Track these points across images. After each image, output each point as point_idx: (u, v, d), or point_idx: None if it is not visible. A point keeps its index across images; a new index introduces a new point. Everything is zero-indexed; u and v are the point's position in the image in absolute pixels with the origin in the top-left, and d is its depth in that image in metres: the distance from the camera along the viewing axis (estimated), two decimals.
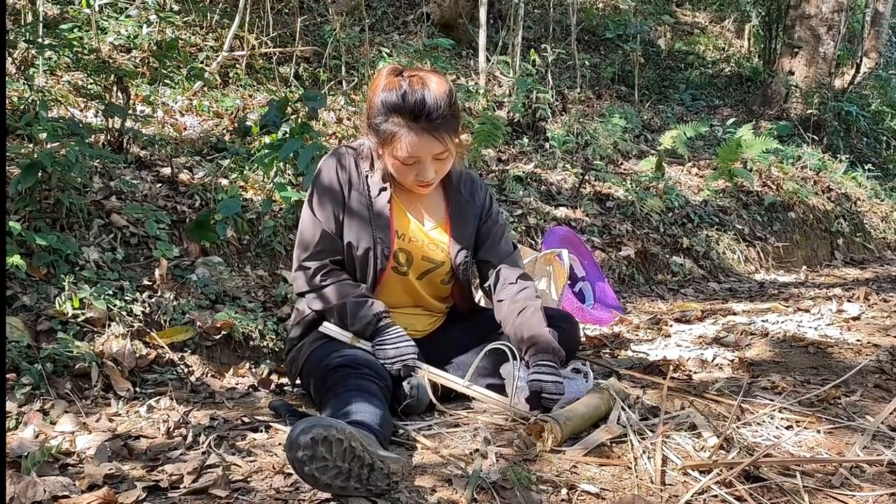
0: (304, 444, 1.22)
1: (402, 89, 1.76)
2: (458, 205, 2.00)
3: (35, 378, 1.79)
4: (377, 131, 1.80)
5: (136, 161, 2.91)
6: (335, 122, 4.16)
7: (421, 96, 1.74)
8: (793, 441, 1.65)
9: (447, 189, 2.00)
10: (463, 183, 2.03)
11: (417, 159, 1.79)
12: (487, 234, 2.04)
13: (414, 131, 1.75)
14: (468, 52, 6.15)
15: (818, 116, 7.14)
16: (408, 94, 1.75)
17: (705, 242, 4.67)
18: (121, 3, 4.10)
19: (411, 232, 1.94)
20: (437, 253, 1.96)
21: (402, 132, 1.75)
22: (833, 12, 7.13)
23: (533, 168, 4.67)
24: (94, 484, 1.32)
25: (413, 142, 1.75)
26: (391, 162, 1.82)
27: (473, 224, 2.02)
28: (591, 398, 1.75)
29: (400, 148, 1.77)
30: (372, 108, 1.81)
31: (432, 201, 2.00)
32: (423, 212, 1.98)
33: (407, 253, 1.94)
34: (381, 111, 1.78)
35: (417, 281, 1.98)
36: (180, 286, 2.35)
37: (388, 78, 1.80)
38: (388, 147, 1.79)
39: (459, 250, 1.97)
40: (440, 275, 1.99)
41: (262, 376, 2.19)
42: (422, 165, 1.80)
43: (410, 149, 1.76)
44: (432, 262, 1.97)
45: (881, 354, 2.37)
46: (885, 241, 6.38)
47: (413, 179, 1.83)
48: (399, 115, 1.75)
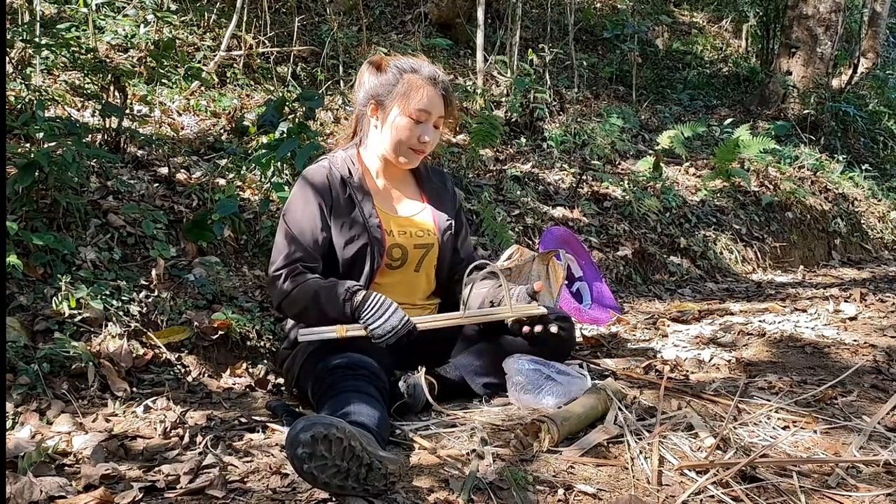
0: (304, 442, 1.22)
1: (410, 59, 1.96)
2: (432, 190, 2.11)
3: (32, 378, 1.79)
4: (388, 91, 1.93)
5: (134, 161, 2.91)
6: (332, 122, 4.16)
7: (432, 67, 1.97)
8: (789, 441, 1.66)
9: (419, 178, 2.11)
10: (432, 173, 2.16)
11: (428, 116, 1.92)
12: (459, 228, 2.13)
13: (430, 86, 1.93)
14: (466, 51, 6.14)
15: (816, 116, 7.14)
16: (420, 63, 1.96)
17: (703, 242, 4.67)
18: (118, 3, 4.09)
19: (398, 225, 1.98)
20: (425, 237, 2.01)
21: (420, 84, 1.92)
22: (830, 12, 7.14)
23: (530, 168, 4.67)
24: (91, 484, 1.32)
25: (431, 94, 1.92)
26: (400, 119, 1.91)
27: (451, 208, 2.12)
28: (588, 398, 1.75)
29: (417, 100, 1.90)
30: (376, 80, 1.95)
31: (407, 191, 2.08)
32: (402, 201, 2.05)
33: (401, 248, 1.96)
34: (393, 76, 1.94)
35: (415, 273, 2.01)
36: (177, 286, 2.35)
37: (379, 61, 1.98)
38: (403, 100, 1.90)
39: (446, 226, 2.06)
40: (433, 259, 2.04)
41: (259, 376, 2.19)
42: (427, 126, 1.93)
43: (428, 100, 1.91)
44: (424, 246, 2.01)
45: (878, 354, 2.37)
46: (883, 241, 6.39)
47: (414, 143, 1.92)
48: (416, 73, 1.94)
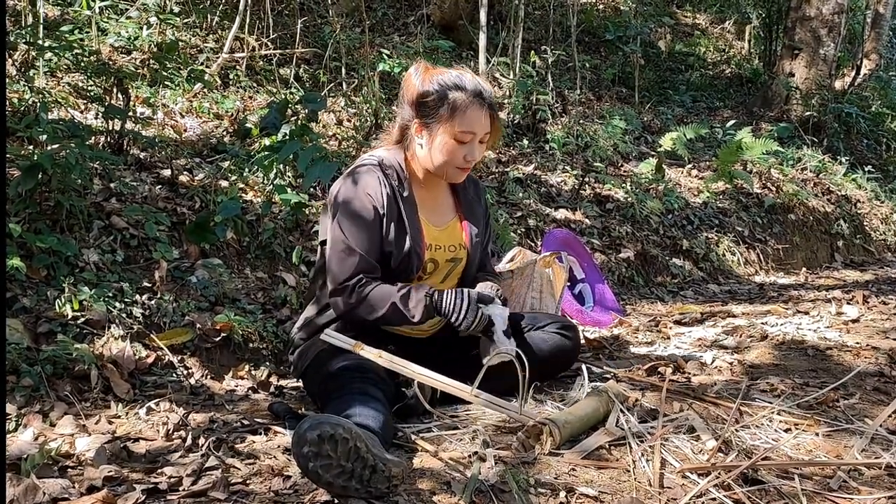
0: (310, 440, 1.23)
1: (455, 74, 1.88)
2: (467, 202, 2.07)
3: (35, 380, 1.79)
4: (433, 113, 1.86)
5: (136, 163, 2.92)
6: (335, 124, 4.17)
7: (476, 81, 1.89)
8: (791, 444, 1.66)
9: (455, 188, 2.06)
10: (469, 182, 2.09)
11: (473, 136, 1.86)
12: (487, 240, 2.12)
13: (476, 104, 1.85)
14: (468, 53, 6.15)
15: (818, 118, 7.14)
16: (465, 78, 1.88)
17: (705, 244, 4.66)
18: (121, 5, 4.10)
19: (434, 239, 1.95)
20: (458, 251, 1.99)
21: (465, 104, 1.84)
22: (833, 14, 7.13)
23: (533, 170, 4.67)
24: (94, 486, 1.32)
25: (476, 113, 1.85)
26: (444, 141, 1.86)
27: (483, 220, 2.09)
28: (590, 401, 1.75)
29: (462, 121, 1.84)
30: (421, 93, 1.87)
31: (444, 200, 2.04)
32: (439, 211, 2.01)
33: (435, 262, 1.95)
34: (438, 91, 1.85)
35: (440, 283, 1.98)
36: (180, 288, 2.36)
37: (427, 68, 1.90)
38: (448, 122, 1.84)
39: (476, 238, 2.02)
40: (460, 270, 2.02)
41: (261, 378, 2.19)
42: (472, 145, 1.87)
43: (473, 120, 1.84)
44: (454, 260, 1.99)
45: (880, 357, 2.37)
46: (886, 243, 6.38)
47: (461, 161, 1.88)
48: (460, 91, 1.85)
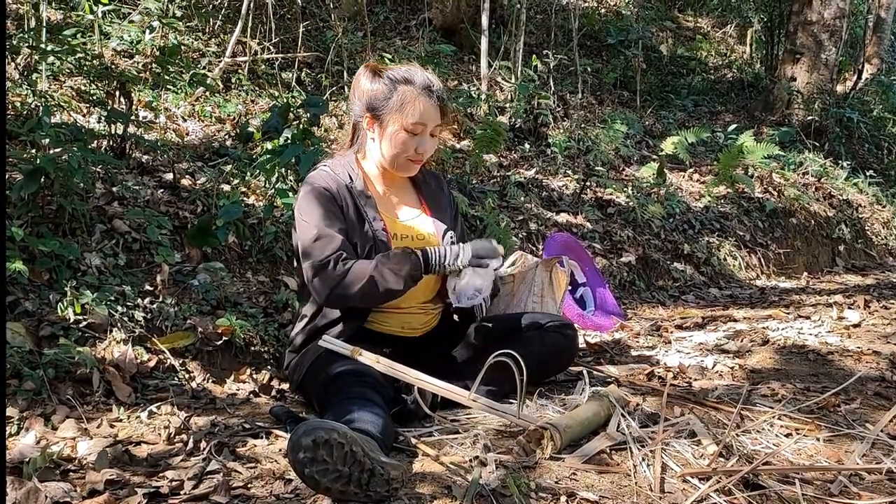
0: (305, 447, 1.23)
1: (403, 69, 1.93)
2: (429, 193, 2.11)
3: (37, 383, 1.79)
4: (383, 105, 1.91)
5: (139, 166, 2.92)
6: (337, 128, 4.17)
7: (425, 75, 1.94)
8: (792, 449, 1.66)
9: (417, 183, 2.11)
10: (429, 177, 2.16)
11: (424, 128, 1.91)
12: (461, 232, 2.14)
13: (425, 97, 1.90)
14: (470, 57, 6.16)
15: (820, 122, 7.14)
16: (414, 72, 1.93)
17: (706, 248, 4.66)
18: (124, 9, 4.12)
19: (400, 230, 1.98)
20: (426, 242, 1.99)
21: (413, 97, 1.89)
22: (835, 18, 7.14)
23: (534, 174, 4.68)
24: (95, 490, 1.32)
25: (426, 105, 1.90)
26: (395, 135, 1.90)
27: (449, 212, 2.11)
28: (591, 405, 1.75)
29: (412, 113, 1.89)
30: (371, 90, 1.93)
31: (406, 197, 2.07)
32: (401, 207, 2.04)
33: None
34: (387, 87, 1.91)
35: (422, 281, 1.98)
36: (181, 291, 2.36)
37: (375, 66, 1.97)
38: (398, 115, 1.89)
39: (445, 230, 2.03)
40: None
41: (263, 382, 2.19)
42: (423, 137, 1.92)
43: (423, 112, 1.89)
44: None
45: (881, 362, 2.37)
46: (887, 247, 6.37)
47: (412, 154, 1.92)
48: (409, 84, 1.91)
